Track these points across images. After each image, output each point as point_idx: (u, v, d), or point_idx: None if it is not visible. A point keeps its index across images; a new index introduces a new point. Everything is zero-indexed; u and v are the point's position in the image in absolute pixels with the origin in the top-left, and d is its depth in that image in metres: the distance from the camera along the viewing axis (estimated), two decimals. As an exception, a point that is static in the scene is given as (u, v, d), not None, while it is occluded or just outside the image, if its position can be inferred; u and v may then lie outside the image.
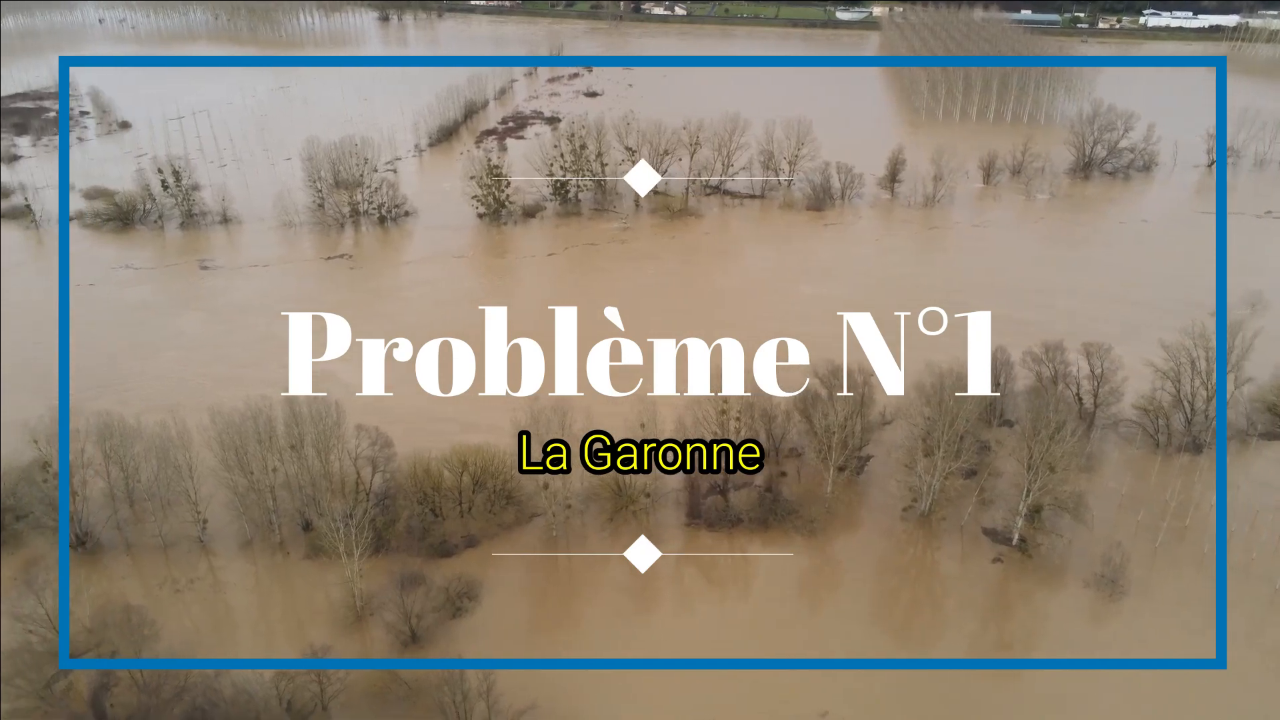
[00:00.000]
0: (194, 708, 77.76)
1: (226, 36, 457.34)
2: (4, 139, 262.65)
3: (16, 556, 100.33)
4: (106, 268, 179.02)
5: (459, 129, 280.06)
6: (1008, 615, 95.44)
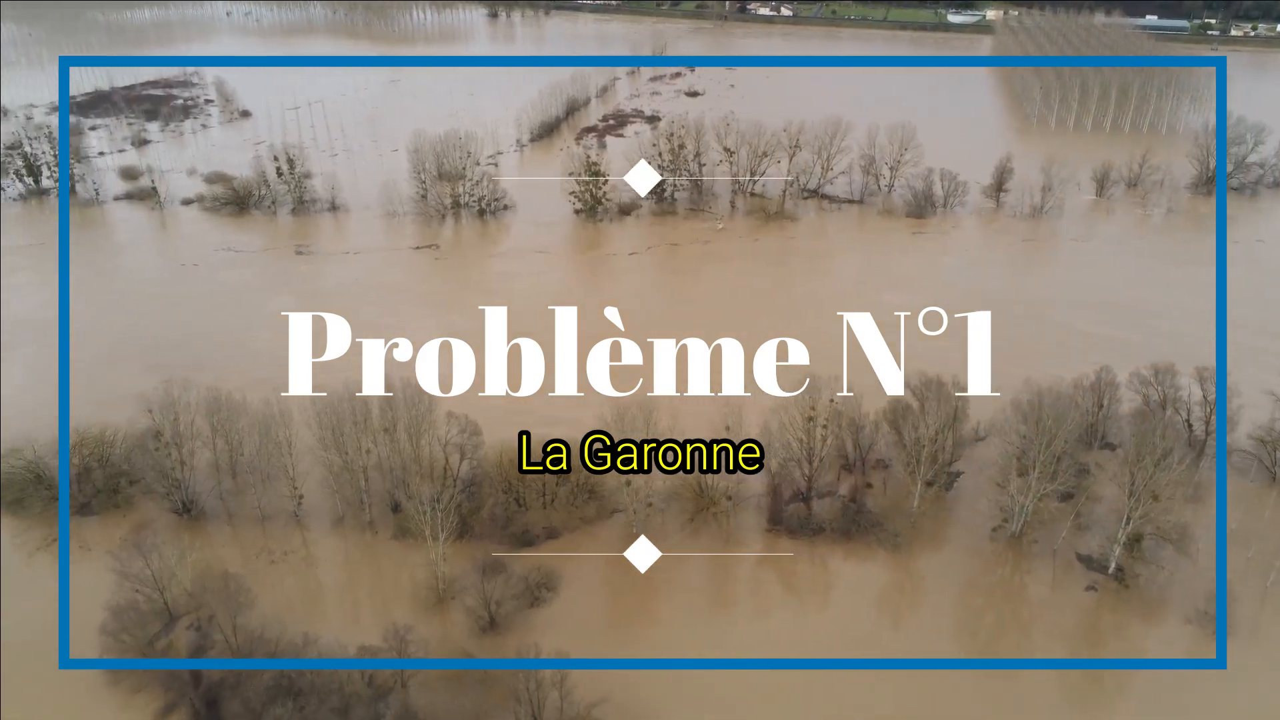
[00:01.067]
0: (281, 675, 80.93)
1: (342, 31, 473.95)
2: (136, 124, 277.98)
3: (129, 519, 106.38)
4: (210, 249, 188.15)
5: (560, 125, 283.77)
6: (1099, 646, 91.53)
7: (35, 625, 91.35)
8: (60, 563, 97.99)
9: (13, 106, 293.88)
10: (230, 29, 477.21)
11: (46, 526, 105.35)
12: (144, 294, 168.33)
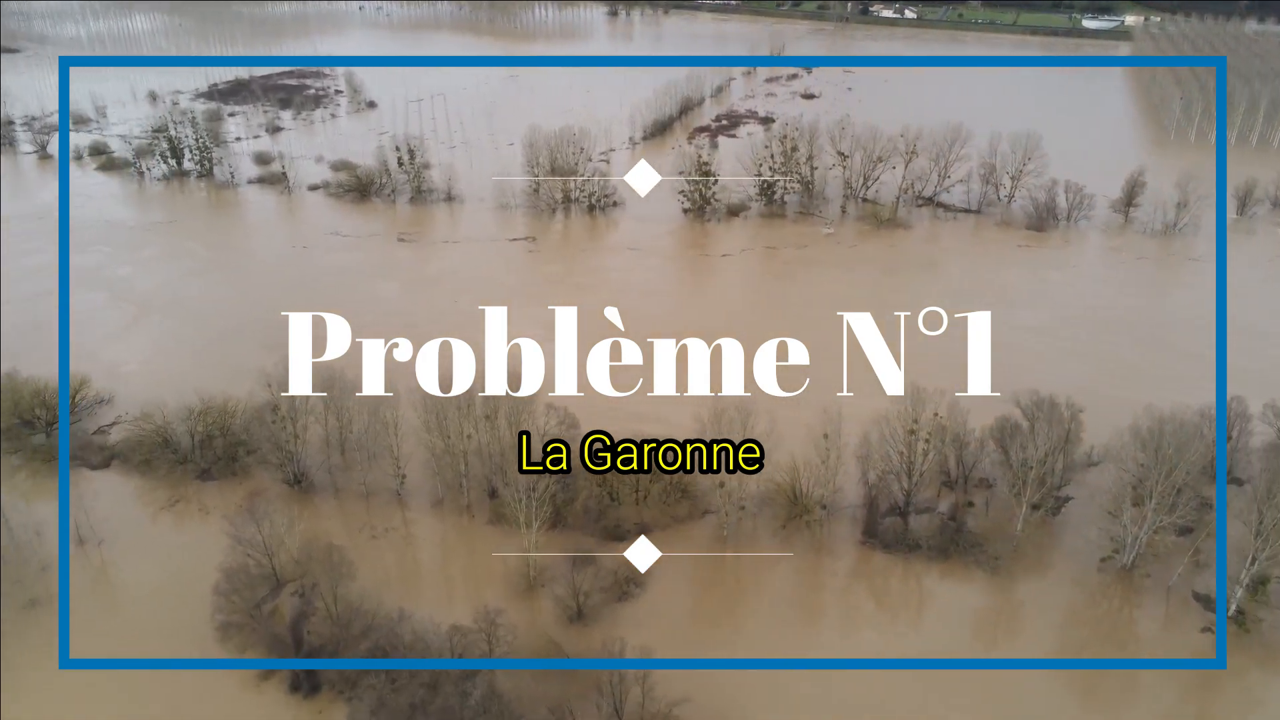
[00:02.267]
0: (376, 647, 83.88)
1: (466, 26, 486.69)
2: (271, 111, 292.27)
3: (244, 487, 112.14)
4: (320, 233, 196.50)
5: (673, 124, 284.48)
6: (1213, 692, 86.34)
7: (152, 583, 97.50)
8: (60, 564, 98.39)
9: (161, 93, 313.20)
10: (360, 23, 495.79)
11: (171, 488, 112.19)
12: (265, 273, 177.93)
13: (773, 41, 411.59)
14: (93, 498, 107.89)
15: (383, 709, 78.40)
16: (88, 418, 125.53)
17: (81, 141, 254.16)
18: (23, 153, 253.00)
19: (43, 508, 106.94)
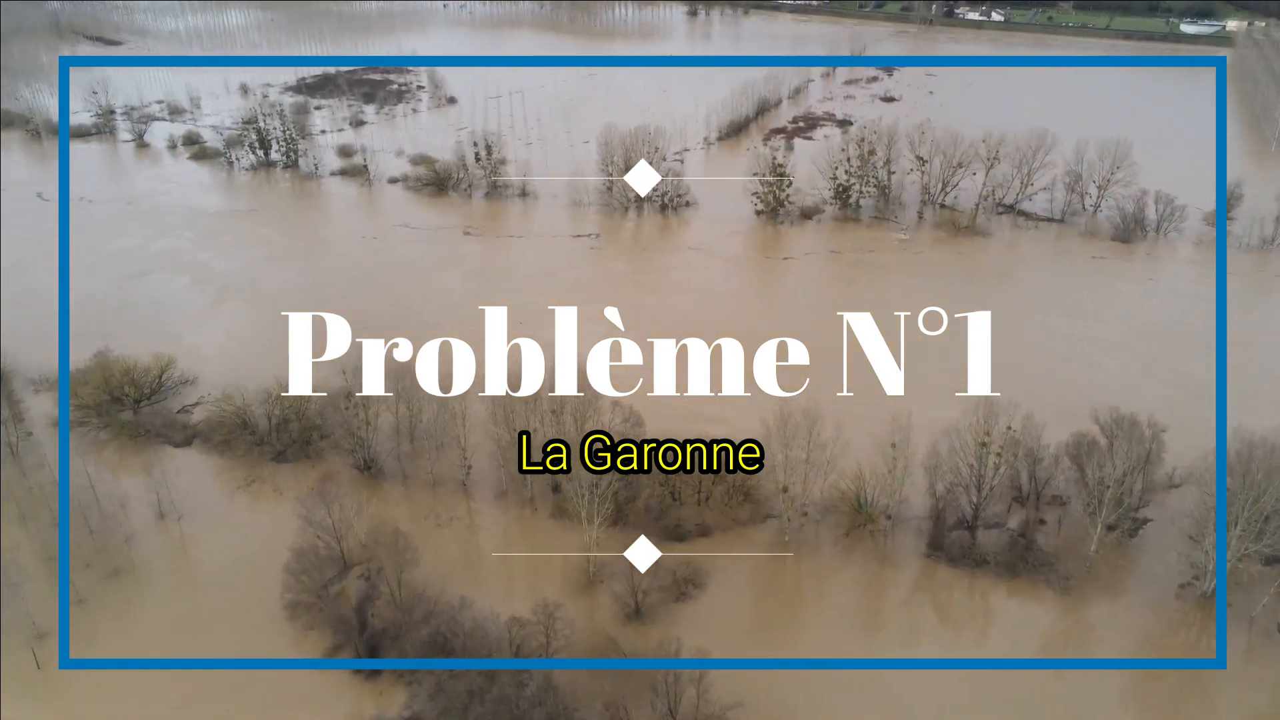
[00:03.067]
0: (437, 633, 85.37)
1: (547, 25, 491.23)
2: (355, 105, 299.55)
3: (316, 470, 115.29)
4: (390, 225, 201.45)
5: (749, 125, 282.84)
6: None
7: (226, 559, 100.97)
8: (60, 566, 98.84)
9: (253, 85, 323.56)
10: (444, 20, 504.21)
11: (248, 468, 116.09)
12: (334, 262, 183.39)
13: (853, 43, 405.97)
14: (174, 474, 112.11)
15: (441, 694, 79.83)
16: (172, 397, 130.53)
17: (177, 131, 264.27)
18: (121, 141, 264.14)
19: (128, 481, 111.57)
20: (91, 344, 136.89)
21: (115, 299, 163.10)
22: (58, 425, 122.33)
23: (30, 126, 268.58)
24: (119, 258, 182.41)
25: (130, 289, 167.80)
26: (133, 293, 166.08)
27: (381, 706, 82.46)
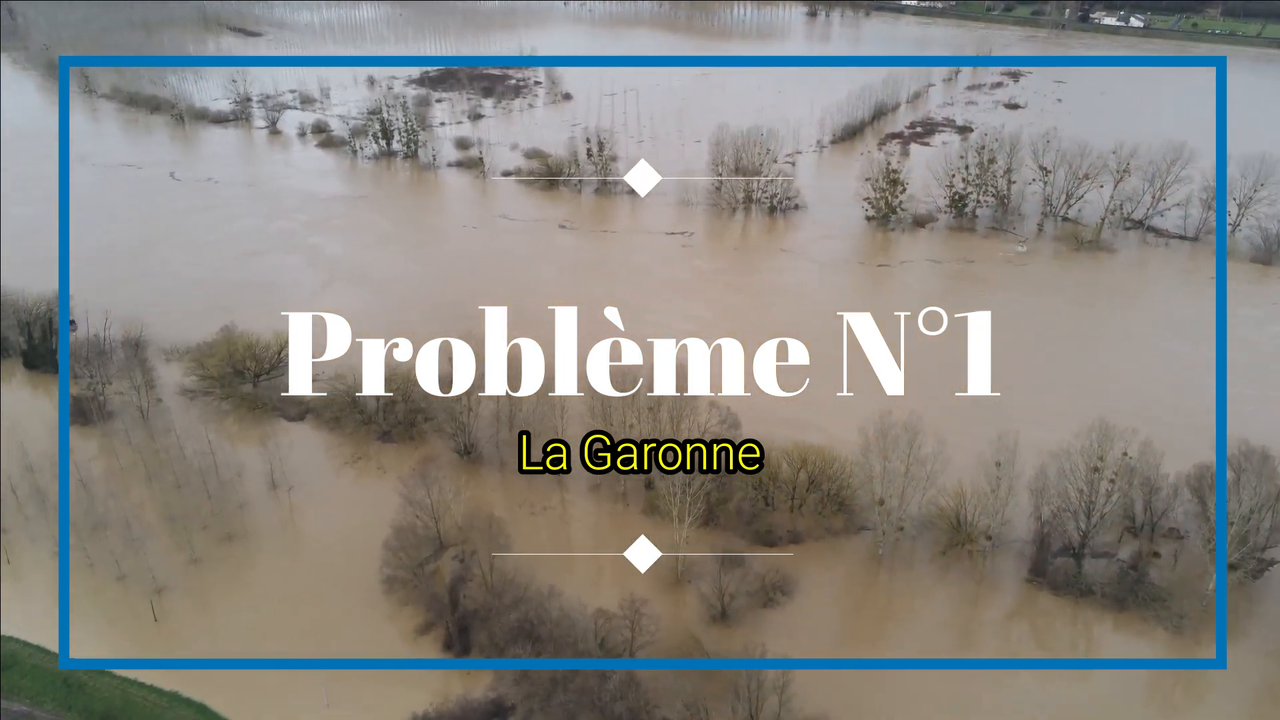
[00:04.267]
0: (525, 619, 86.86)
1: (664, 23, 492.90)
2: (474, 99, 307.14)
3: (419, 452, 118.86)
4: (490, 216, 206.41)
5: (864, 129, 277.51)
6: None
7: (331, 531, 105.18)
8: (60, 568, 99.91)
9: (379, 78, 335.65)
10: (564, 17, 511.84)
11: (355, 445, 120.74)
12: (433, 249, 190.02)
13: (978, 47, 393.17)
14: (288, 447, 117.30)
15: (525, 680, 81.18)
16: (290, 374, 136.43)
17: (307, 120, 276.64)
18: (256, 127, 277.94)
19: (245, 451, 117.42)
20: (215, 318, 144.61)
21: (235, 276, 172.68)
22: (58, 421, 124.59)
23: (175, 112, 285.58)
24: (239, 237, 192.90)
25: (249, 267, 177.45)
26: (251, 270, 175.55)
27: (468, 686, 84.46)
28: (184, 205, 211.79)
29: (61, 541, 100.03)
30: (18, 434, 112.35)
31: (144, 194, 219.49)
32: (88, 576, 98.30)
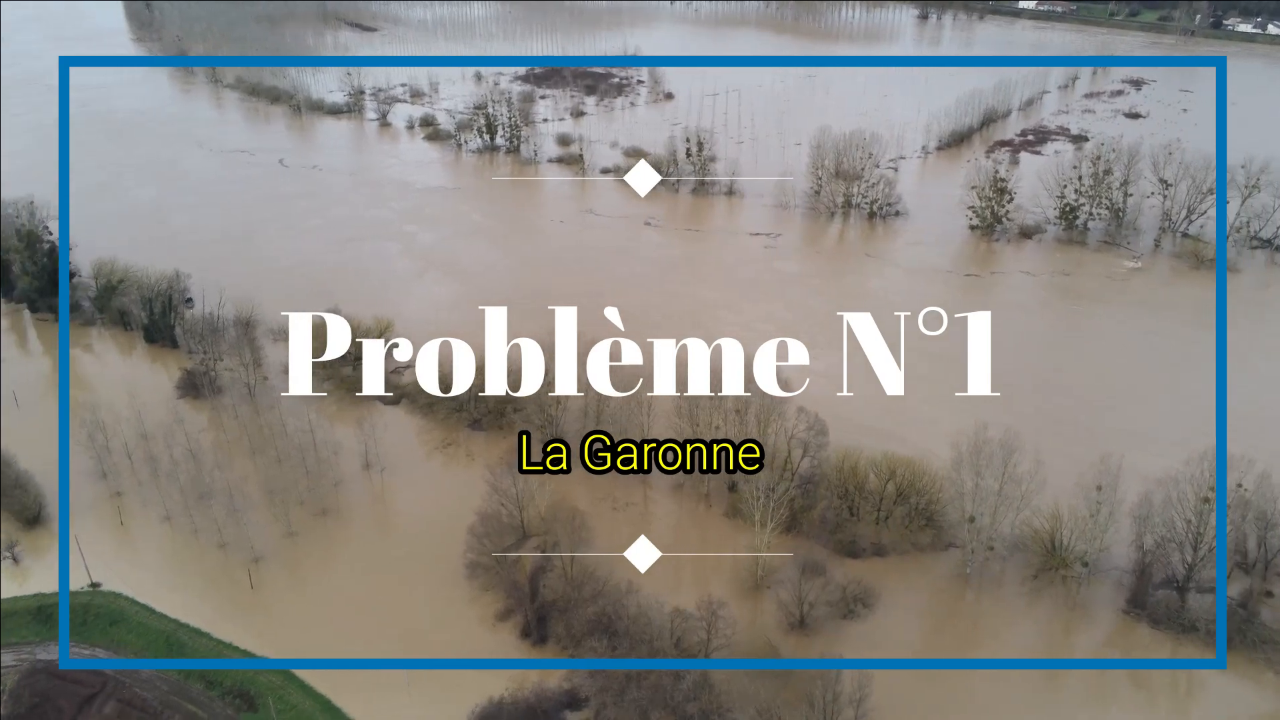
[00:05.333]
0: (602, 613, 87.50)
1: (770, 24, 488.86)
2: (577, 97, 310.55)
3: (507, 441, 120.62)
4: (578, 211, 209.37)
5: (972, 136, 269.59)
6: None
7: (418, 513, 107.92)
8: (61, 570, 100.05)
9: (486, 74, 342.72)
10: (669, 17, 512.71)
11: (446, 431, 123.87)
12: (520, 241, 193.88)
13: (1099, 54, 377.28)
14: (382, 429, 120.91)
15: (600, 673, 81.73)
16: (388, 358, 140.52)
17: (416, 113, 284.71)
18: (368, 120, 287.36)
19: (342, 431, 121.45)
20: (316, 301, 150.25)
21: (335, 260, 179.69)
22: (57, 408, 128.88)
23: (293, 102, 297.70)
24: (338, 223, 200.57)
25: (347, 252, 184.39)
26: (350, 255, 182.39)
27: (543, 675, 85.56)
28: (290, 191, 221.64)
29: (62, 554, 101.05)
30: (136, 404, 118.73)
31: (254, 179, 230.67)
32: (192, 542, 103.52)
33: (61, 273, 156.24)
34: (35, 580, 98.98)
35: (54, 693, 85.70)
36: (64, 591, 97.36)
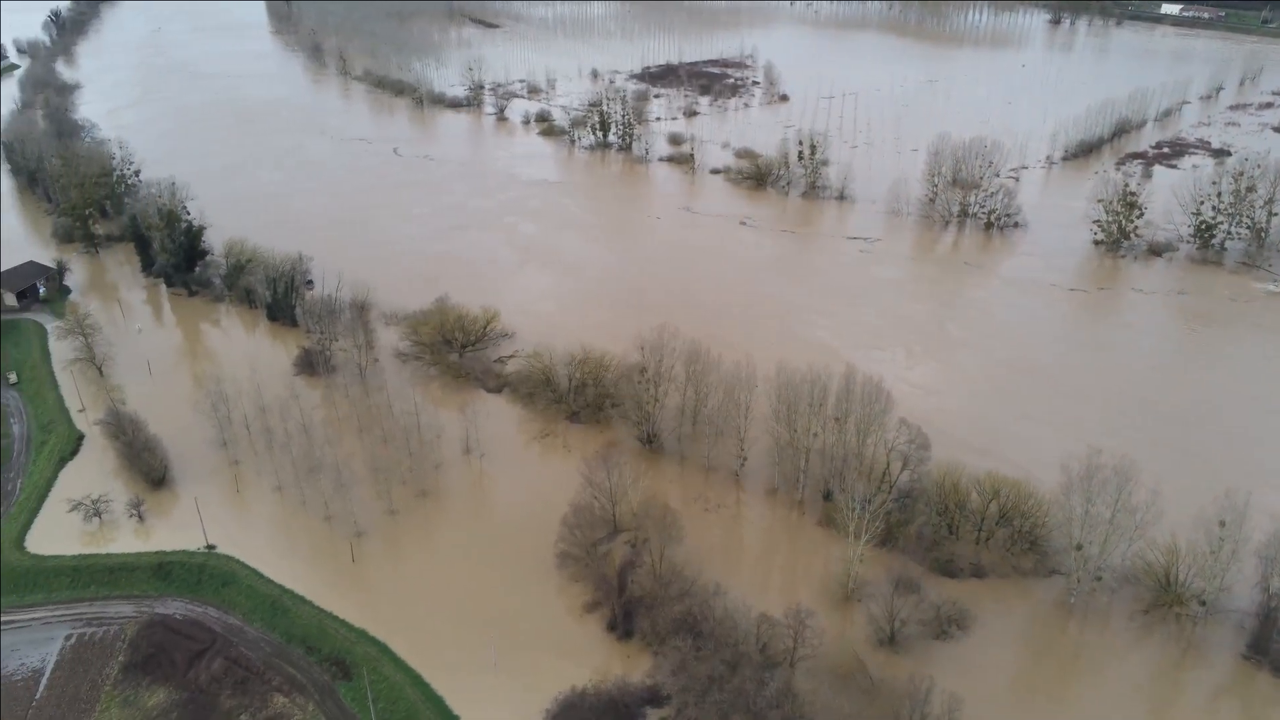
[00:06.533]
0: (688, 613, 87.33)
1: (892, 27, 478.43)
2: (690, 96, 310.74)
3: (603, 435, 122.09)
4: (675, 209, 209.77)
5: (1102, 147, 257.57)
6: None
7: (513, 500, 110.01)
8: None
9: (603, 71, 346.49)
10: (790, 18, 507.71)
11: (545, 422, 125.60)
12: (617, 236, 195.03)
13: (1247, 64, 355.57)
14: (484, 416, 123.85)
15: (683, 671, 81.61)
16: (492, 347, 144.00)
17: (533, 108, 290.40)
18: (486, 114, 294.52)
19: (445, 415, 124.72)
20: (421, 286, 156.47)
21: (441, 248, 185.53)
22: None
23: (415, 95, 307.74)
24: (445, 211, 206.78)
25: (453, 240, 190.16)
26: (455, 243, 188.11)
27: (627, 669, 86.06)
28: (402, 179, 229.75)
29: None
30: (256, 378, 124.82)
31: (369, 167, 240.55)
32: (300, 513, 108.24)
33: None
34: (156, 538, 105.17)
35: (169, 645, 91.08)
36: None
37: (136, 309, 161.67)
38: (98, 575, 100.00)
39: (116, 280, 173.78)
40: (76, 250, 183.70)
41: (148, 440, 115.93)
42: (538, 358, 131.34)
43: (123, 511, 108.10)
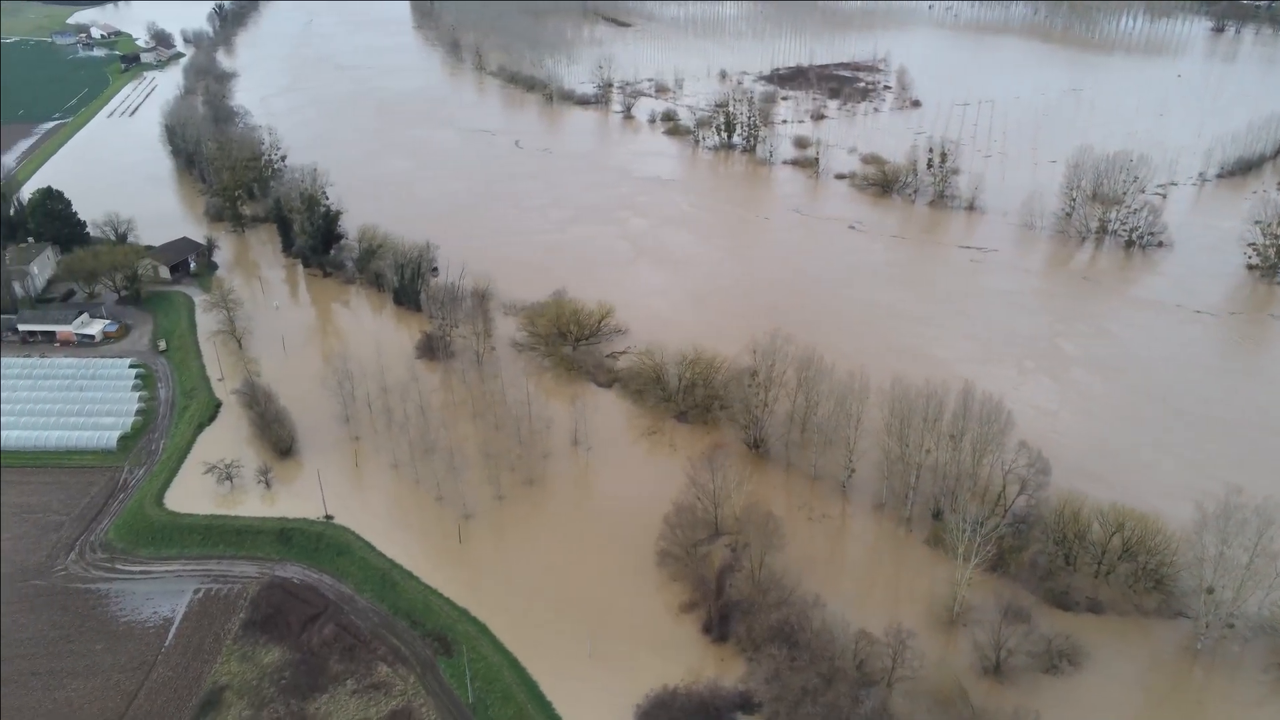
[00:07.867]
0: (785, 622, 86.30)
1: (1035, 31, 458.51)
2: (819, 100, 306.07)
3: (710, 436, 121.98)
4: (783, 210, 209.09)
5: (1263, 164, 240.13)
6: None
7: (617, 494, 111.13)
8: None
9: (731, 71, 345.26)
10: (927, 21, 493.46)
11: (653, 419, 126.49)
12: (725, 235, 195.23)
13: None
14: (593, 410, 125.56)
15: (776, 680, 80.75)
16: (605, 342, 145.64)
17: (659, 107, 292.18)
18: (613, 111, 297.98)
19: (555, 407, 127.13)
20: (534, 277, 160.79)
21: (555, 240, 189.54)
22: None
23: (546, 91, 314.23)
24: (560, 203, 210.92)
25: (567, 233, 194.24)
26: (568, 236, 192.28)
27: (720, 672, 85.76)
28: (520, 170, 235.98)
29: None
30: (380, 359, 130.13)
31: (490, 157, 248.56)
32: (414, 491, 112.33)
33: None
34: (281, 505, 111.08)
35: (286, 607, 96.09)
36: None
37: (275, 287, 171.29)
38: (226, 535, 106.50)
39: (259, 259, 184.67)
40: (225, 229, 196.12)
41: (278, 412, 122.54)
42: (649, 356, 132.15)
43: (252, 477, 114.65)
